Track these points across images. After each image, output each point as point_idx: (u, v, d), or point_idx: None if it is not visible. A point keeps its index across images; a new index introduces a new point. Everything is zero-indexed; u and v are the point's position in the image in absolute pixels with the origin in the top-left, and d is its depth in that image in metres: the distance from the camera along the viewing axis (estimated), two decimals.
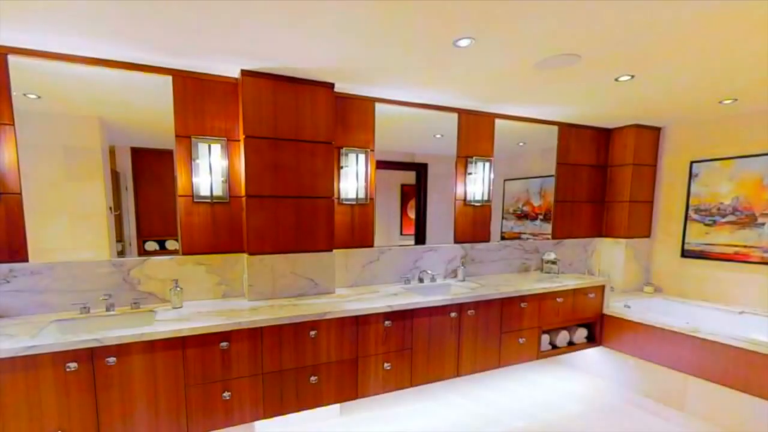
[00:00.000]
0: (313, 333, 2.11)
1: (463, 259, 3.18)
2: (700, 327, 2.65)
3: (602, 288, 3.23)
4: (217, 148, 2.29)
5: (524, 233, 3.56)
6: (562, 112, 3.17)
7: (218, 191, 2.32)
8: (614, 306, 3.23)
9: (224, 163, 2.33)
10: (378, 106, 2.74)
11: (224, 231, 2.39)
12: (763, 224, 2.94)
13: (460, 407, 2.83)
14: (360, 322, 2.24)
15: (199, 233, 2.33)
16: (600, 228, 3.81)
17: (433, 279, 2.98)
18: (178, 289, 2.18)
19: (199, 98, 2.26)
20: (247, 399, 1.99)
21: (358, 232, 2.79)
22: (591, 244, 3.81)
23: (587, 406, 2.85)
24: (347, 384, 2.25)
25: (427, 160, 3.09)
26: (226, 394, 1.93)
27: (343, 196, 2.69)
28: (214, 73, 2.26)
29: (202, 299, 2.36)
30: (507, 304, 2.74)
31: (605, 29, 1.69)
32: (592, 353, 3.38)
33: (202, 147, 2.26)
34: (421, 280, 2.95)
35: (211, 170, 2.28)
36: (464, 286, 2.87)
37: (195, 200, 2.29)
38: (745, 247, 3.05)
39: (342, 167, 2.68)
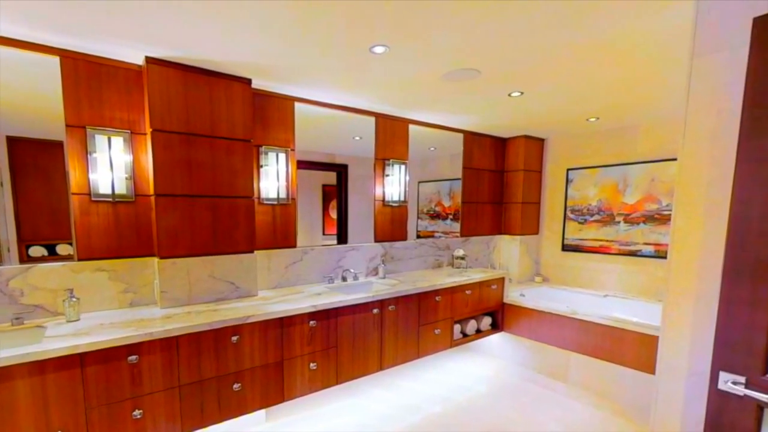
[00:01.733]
0: (235, 338, 2.01)
1: (383, 257, 3.31)
2: (577, 310, 3.12)
3: (503, 280, 3.65)
4: (118, 141, 2.05)
5: (437, 232, 3.86)
6: (467, 121, 3.51)
7: (121, 189, 2.08)
8: (512, 295, 3.66)
9: (128, 158, 2.09)
10: (298, 105, 2.73)
11: (130, 233, 2.14)
12: (619, 222, 3.63)
13: (385, 400, 2.93)
14: (285, 323, 2.20)
15: (99, 236, 2.06)
16: (499, 226, 4.31)
17: (355, 277, 3.06)
18: (74, 299, 1.89)
19: (96, 85, 2.00)
20: (162, 415, 1.81)
21: (280, 232, 2.73)
22: (492, 241, 4.28)
23: (492, 386, 3.17)
24: (273, 388, 2.18)
25: (347, 162, 3.17)
26: (137, 413, 1.73)
27: (263, 195, 2.62)
28: (114, 58, 2.03)
29: (105, 309, 2.09)
30: (424, 299, 2.93)
31: (500, 49, 1.93)
32: (496, 338, 3.78)
33: (100, 139, 2.00)
34: (344, 279, 3.00)
35: (111, 165, 2.03)
36: (385, 283, 3.00)
37: (93, 199, 2.02)
38: (607, 241, 3.69)
39: (262, 166, 2.60)
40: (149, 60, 2.01)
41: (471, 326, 3.42)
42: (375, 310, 2.61)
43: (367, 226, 3.25)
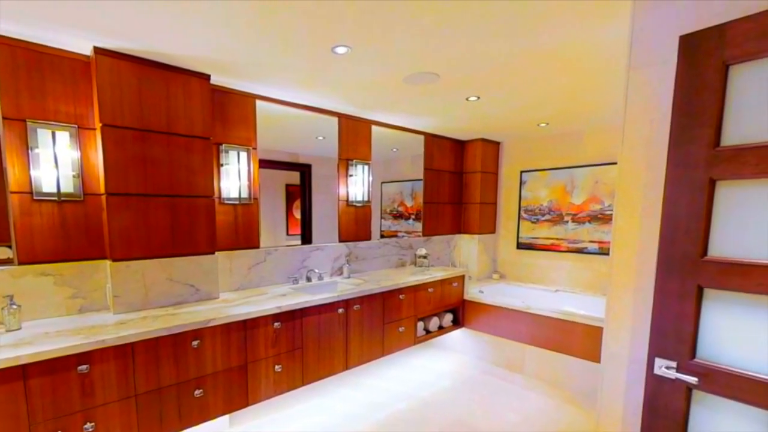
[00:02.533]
0: (195, 343, 1.94)
1: (347, 257, 3.33)
2: (531, 305, 3.31)
3: (463, 277, 3.79)
4: (64, 136, 1.90)
5: (400, 231, 3.93)
6: (427, 123, 3.61)
7: (68, 187, 1.93)
8: (472, 292, 3.80)
9: (75, 154, 1.95)
10: (259, 103, 2.68)
11: (78, 234, 1.99)
12: (567, 222, 3.90)
13: (350, 399, 2.95)
14: (248, 326, 2.15)
15: (42, 237, 1.89)
16: (459, 226, 4.46)
17: (320, 277, 3.04)
18: (14, 307, 1.73)
19: (38, 75, 1.84)
20: (116, 426, 1.70)
21: (242, 232, 2.65)
22: (453, 240, 4.43)
23: (454, 381, 3.28)
24: (237, 392, 2.12)
25: (311, 161, 3.14)
26: (89, 426, 1.61)
27: (224, 195, 2.54)
28: (58, 47, 1.88)
29: (50, 317, 1.94)
30: (388, 297, 2.98)
31: (458, 55, 2.00)
32: (457, 334, 3.91)
33: (43, 134, 1.85)
34: (309, 280, 2.97)
35: (56, 162, 1.88)
36: (350, 283, 3.01)
37: (35, 197, 1.86)
38: (557, 239, 3.94)
39: (222, 165, 2.52)
40: (98, 51, 1.89)
41: (433, 323, 3.52)
42: (340, 310, 2.62)
43: (332, 226, 3.25)
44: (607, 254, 3.15)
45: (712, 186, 1.16)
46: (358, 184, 3.34)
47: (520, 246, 4.26)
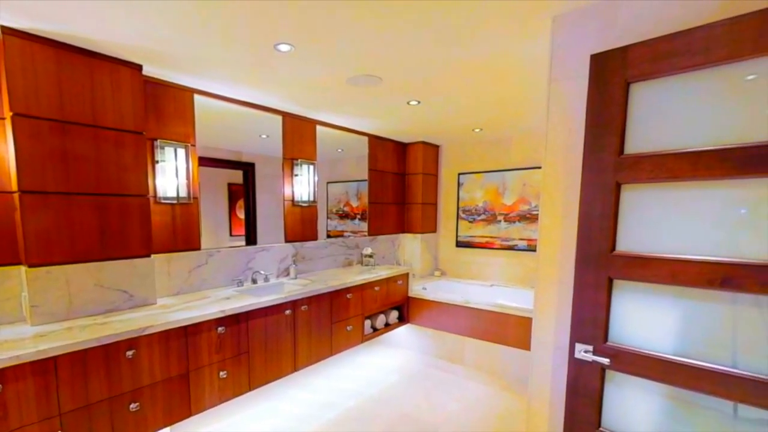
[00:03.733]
0: (130, 353, 1.80)
1: (294, 257, 3.28)
2: (469, 299, 3.52)
3: (407, 275, 3.92)
4: None
5: (346, 231, 3.96)
6: (371, 125, 3.68)
7: None
8: (415, 289, 3.96)
9: None
10: (198, 98, 2.55)
11: None
12: (500, 221, 4.21)
13: (300, 400, 2.92)
14: (189, 332, 2.05)
15: None
16: (403, 225, 4.61)
17: (266, 279, 2.97)
18: None
19: None
20: None
21: (181, 234, 2.50)
22: (397, 239, 4.56)
23: (401, 376, 3.39)
24: (178, 402, 2.01)
25: (254, 160, 3.05)
26: None
27: (161, 194, 2.37)
28: None
29: None
30: (336, 297, 3.00)
31: (399, 60, 2.06)
32: (403, 330, 4.04)
33: None
34: (254, 281, 2.89)
35: None
36: (297, 284, 2.98)
37: None
38: (491, 237, 4.23)
39: (158, 162, 2.36)
40: (6, 31, 1.68)
41: (380, 321, 3.61)
42: (287, 311, 2.59)
43: (277, 226, 3.18)
44: (535, 251, 3.48)
45: (618, 189, 1.33)
46: (303, 184, 3.31)
47: (459, 244, 4.52)
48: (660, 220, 1.29)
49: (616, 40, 1.41)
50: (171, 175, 2.41)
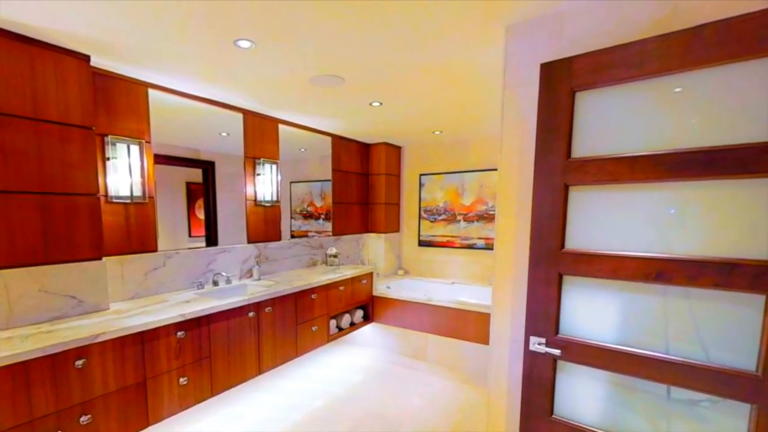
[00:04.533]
0: (80, 362, 1.69)
1: (257, 258, 3.21)
2: (432, 297, 3.62)
3: (371, 275, 3.96)
4: None
5: (310, 231, 3.93)
6: (334, 125, 3.68)
7: None
8: (380, 288, 4.01)
9: None
10: (153, 93, 2.44)
11: None
12: (460, 221, 4.36)
13: (265, 403, 2.87)
14: (146, 338, 1.96)
15: None
16: (367, 225, 4.64)
17: (228, 281, 2.88)
18: None
19: None
20: None
21: (136, 235, 2.38)
22: (361, 239, 4.58)
23: (366, 374, 3.43)
24: (134, 412, 1.91)
25: (214, 158, 2.95)
26: None
27: (112, 193, 2.24)
28: None
29: None
30: (300, 297, 2.98)
31: (361, 61, 2.08)
32: (368, 329, 4.07)
33: None
34: (216, 284, 2.79)
35: None
36: (260, 285, 2.92)
37: None
38: (452, 236, 4.38)
39: (109, 159, 2.23)
40: None
41: (345, 320, 3.62)
42: (251, 314, 2.54)
43: (239, 226, 3.10)
44: (492, 249, 3.64)
45: (566, 191, 1.43)
46: (266, 184, 3.25)
47: (421, 243, 4.63)
48: (603, 219, 1.41)
49: (564, 50, 1.52)
50: (124, 172, 2.28)
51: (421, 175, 4.61)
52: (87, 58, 1.99)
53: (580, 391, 1.52)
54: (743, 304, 1.18)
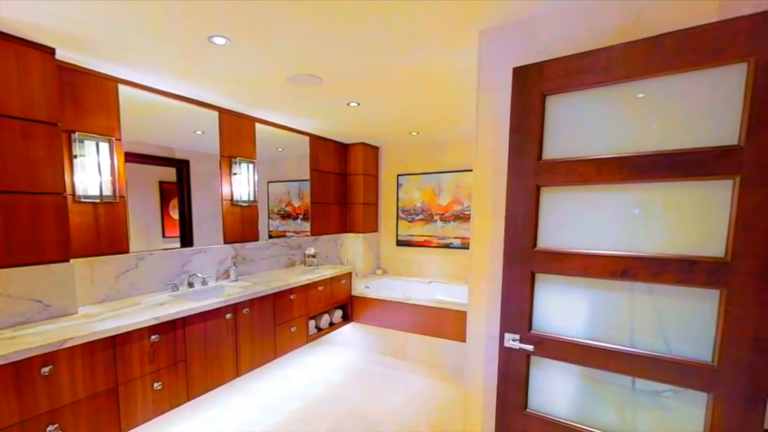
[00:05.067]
0: (46, 369, 1.62)
1: (234, 259, 3.15)
2: (410, 296, 3.65)
3: (350, 274, 3.96)
4: None
5: (288, 231, 3.88)
6: (312, 125, 3.65)
7: None
8: (358, 288, 4.00)
9: None
10: (123, 88, 2.35)
11: None
12: (437, 221, 4.41)
13: (244, 406, 2.82)
14: (117, 342, 1.89)
15: None
16: (345, 225, 4.64)
17: (204, 282, 2.82)
18: None
19: None
20: None
21: (106, 235, 2.29)
22: (340, 239, 4.57)
23: (346, 374, 3.42)
24: (106, 420, 1.84)
25: (188, 157, 2.87)
26: None
27: (80, 192, 2.15)
28: None
29: None
30: (279, 298, 2.94)
31: (339, 61, 2.08)
32: (347, 329, 4.07)
33: None
34: (191, 285, 2.72)
35: None
36: (238, 286, 2.87)
37: None
38: (429, 236, 4.43)
39: (76, 156, 2.15)
40: None
41: (324, 320, 3.60)
42: (228, 315, 2.49)
43: (215, 226, 3.03)
44: (468, 248, 3.71)
45: (538, 191, 1.48)
46: (243, 183, 3.20)
47: (399, 243, 4.66)
48: (574, 219, 1.47)
49: (536, 55, 1.58)
50: (92, 171, 2.20)
51: (398, 175, 4.64)
52: (51, 51, 1.91)
53: (552, 385, 1.58)
54: (701, 299, 1.26)
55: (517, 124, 1.52)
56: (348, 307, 3.97)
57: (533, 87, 1.47)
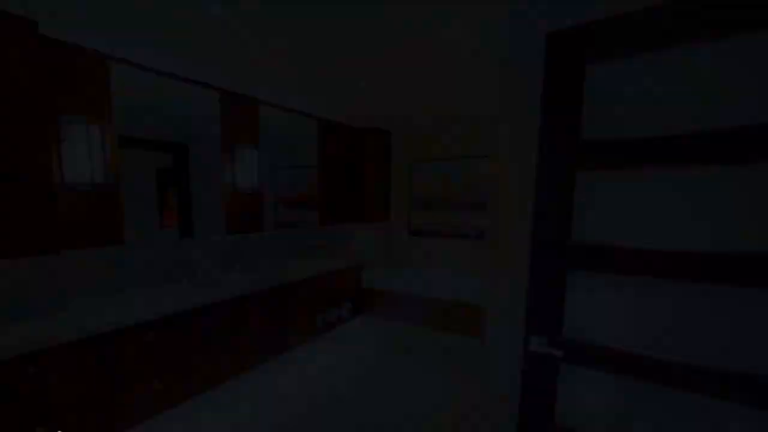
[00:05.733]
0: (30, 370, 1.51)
1: (237, 249, 3.02)
2: (424, 289, 3.49)
3: (361, 266, 3.82)
4: None
5: (296, 220, 3.73)
6: (320, 108, 3.46)
7: None
8: (369, 280, 3.87)
9: None
10: (118, 68, 2.17)
11: None
12: (452, 210, 4.12)
13: (251, 400, 2.70)
14: (111, 340, 1.77)
15: None
16: (355, 214, 4.44)
17: (205, 274, 2.69)
18: None
19: None
20: None
21: (98, 225, 2.14)
22: (350, 228, 4.41)
23: (358, 368, 3.25)
24: (97, 421, 1.73)
25: (188, 142, 2.72)
26: None
27: (69, 178, 2.01)
28: None
29: None
30: (284, 291, 2.82)
31: (348, 35, 1.94)
32: (357, 322, 3.92)
33: None
34: (191, 278, 2.60)
35: None
36: (241, 278, 2.74)
37: None
38: (443, 226, 4.20)
39: (63, 140, 1.99)
40: None
41: (333, 313, 3.47)
42: (231, 309, 2.36)
43: (217, 215, 2.88)
44: (484, 238, 3.51)
45: (573, 175, 1.27)
46: (246, 170, 3.03)
47: (412, 233, 4.48)
48: (623, 207, 1.25)
49: (575, 17, 1.34)
50: (83, 155, 2.05)
51: (412, 162, 4.42)
52: (34, 24, 1.75)
53: (585, 395, 1.39)
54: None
55: (552, 97, 1.30)
56: (358, 299, 3.82)
57: (573, 55, 1.24)
